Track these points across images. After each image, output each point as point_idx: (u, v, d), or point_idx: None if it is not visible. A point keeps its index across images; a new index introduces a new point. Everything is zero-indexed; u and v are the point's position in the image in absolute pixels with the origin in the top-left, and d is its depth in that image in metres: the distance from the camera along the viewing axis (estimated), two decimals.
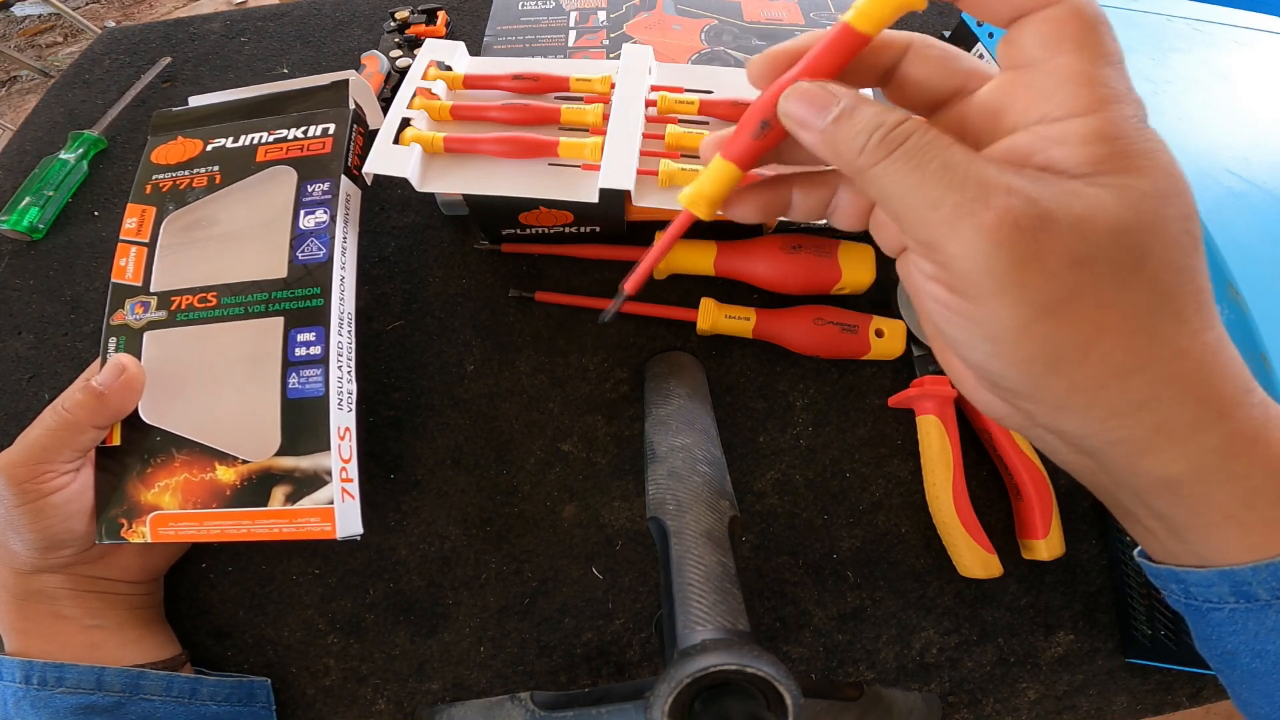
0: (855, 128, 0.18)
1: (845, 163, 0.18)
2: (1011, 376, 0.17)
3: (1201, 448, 0.17)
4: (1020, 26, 0.17)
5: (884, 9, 0.17)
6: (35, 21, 1.97)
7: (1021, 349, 0.17)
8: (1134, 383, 0.16)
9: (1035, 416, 0.19)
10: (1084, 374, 0.17)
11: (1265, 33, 0.46)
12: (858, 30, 0.18)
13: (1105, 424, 0.17)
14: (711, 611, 0.25)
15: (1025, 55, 0.17)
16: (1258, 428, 0.17)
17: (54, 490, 0.29)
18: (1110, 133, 0.16)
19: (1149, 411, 0.17)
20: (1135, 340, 0.16)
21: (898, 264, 0.23)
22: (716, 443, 0.34)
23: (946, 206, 0.16)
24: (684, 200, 0.22)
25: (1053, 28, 0.17)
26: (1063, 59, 0.17)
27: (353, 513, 0.31)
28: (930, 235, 0.17)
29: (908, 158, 0.17)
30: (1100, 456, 0.18)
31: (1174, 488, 0.18)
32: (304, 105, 0.36)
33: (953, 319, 0.18)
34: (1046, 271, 0.16)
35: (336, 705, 0.35)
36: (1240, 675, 0.20)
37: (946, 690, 0.35)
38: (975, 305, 0.17)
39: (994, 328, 0.17)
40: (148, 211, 0.34)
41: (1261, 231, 0.33)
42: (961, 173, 0.16)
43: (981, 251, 0.16)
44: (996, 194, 0.16)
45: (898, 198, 0.17)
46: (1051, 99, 0.17)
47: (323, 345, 0.31)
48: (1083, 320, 0.16)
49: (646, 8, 0.47)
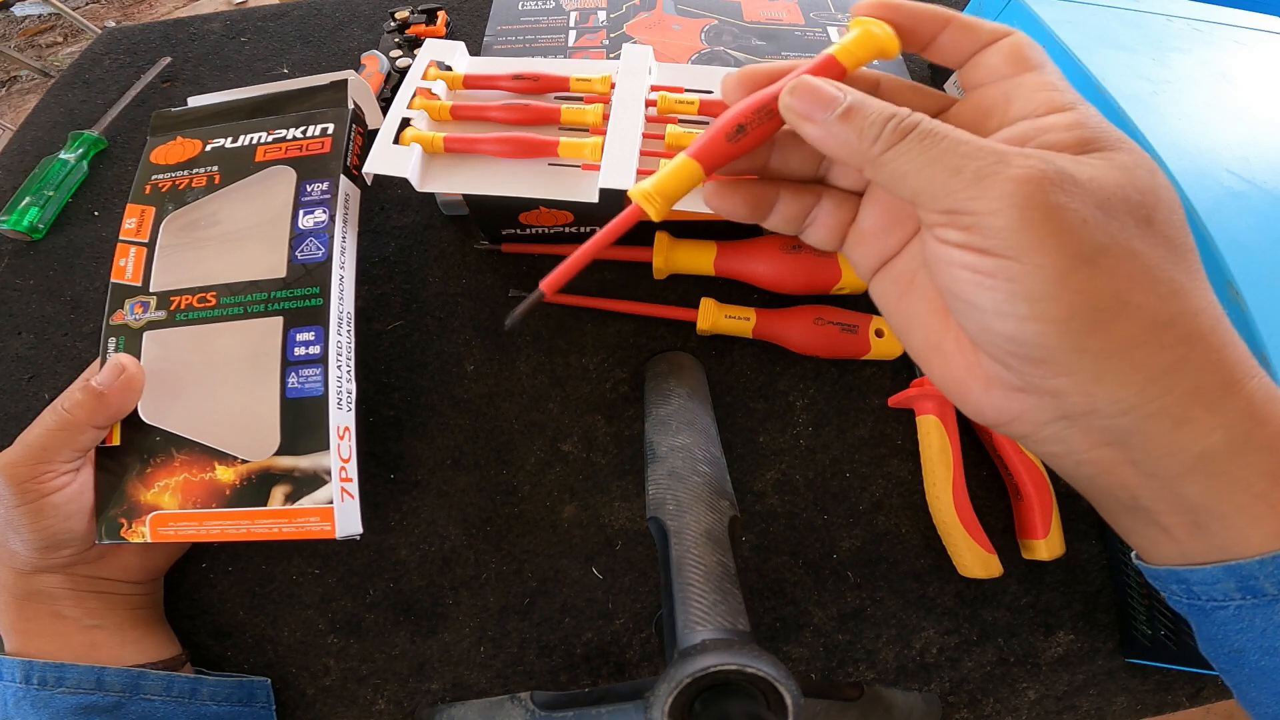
0: (868, 119, 0.19)
1: (854, 152, 0.19)
2: (1052, 340, 0.17)
3: (1234, 412, 0.17)
4: (978, 57, 0.20)
5: (864, 51, 0.20)
6: (35, 21, 1.98)
7: (1062, 303, 0.17)
8: (1166, 338, 0.17)
9: (1065, 397, 0.18)
10: (1121, 329, 0.17)
11: (1265, 33, 0.46)
12: (839, 62, 0.20)
13: (1144, 391, 0.17)
14: (711, 611, 0.25)
15: (993, 73, 0.20)
16: (1269, 398, 0.17)
17: (54, 490, 0.29)
18: (1088, 123, 0.18)
19: (1183, 374, 0.17)
20: (1164, 290, 0.17)
21: (873, 286, 0.23)
22: (716, 443, 0.34)
23: (969, 171, 0.17)
24: (636, 195, 0.20)
25: (1010, 53, 0.20)
26: (1027, 75, 0.19)
27: (352, 512, 0.31)
28: (955, 201, 0.17)
29: (921, 138, 0.18)
30: (1133, 438, 0.18)
31: (1208, 465, 0.17)
32: (303, 105, 0.36)
33: (986, 283, 0.17)
34: (1080, 218, 0.16)
35: (336, 705, 0.35)
36: (1249, 674, 0.20)
37: (946, 690, 0.35)
38: (1012, 260, 0.17)
39: (1032, 282, 0.17)
40: (147, 212, 0.34)
41: (1261, 231, 0.33)
42: (976, 145, 0.17)
43: (1015, 205, 0.16)
44: (1016, 157, 0.17)
45: (915, 174, 0.18)
46: (1030, 101, 0.19)
47: (322, 345, 0.31)
48: (1118, 269, 0.16)
49: (646, 8, 0.47)
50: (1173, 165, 0.34)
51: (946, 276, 0.19)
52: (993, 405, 0.20)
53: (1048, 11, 0.43)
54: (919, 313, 0.21)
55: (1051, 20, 0.42)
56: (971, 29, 0.20)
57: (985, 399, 0.20)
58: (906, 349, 0.22)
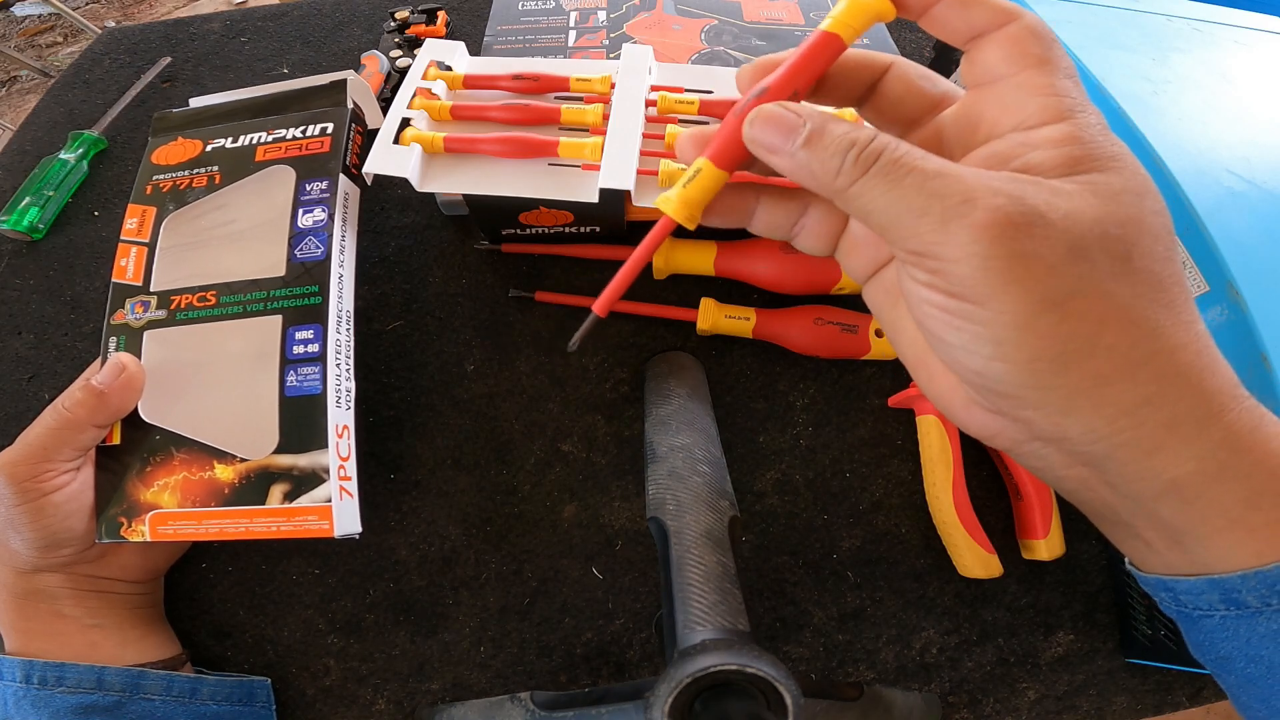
0: (828, 150, 0.18)
1: (822, 185, 0.18)
2: (1016, 379, 0.17)
3: (1209, 443, 0.17)
4: (980, 46, 0.19)
5: (859, 18, 0.19)
6: (35, 21, 1.98)
7: (1027, 347, 0.16)
8: (1140, 376, 0.16)
9: (1036, 425, 0.18)
10: (1090, 369, 0.16)
11: (1265, 33, 0.46)
12: (837, 36, 0.19)
13: (1115, 423, 0.17)
14: (711, 611, 0.25)
15: (990, 72, 0.19)
16: (1253, 424, 0.17)
17: (54, 489, 0.29)
18: (1081, 137, 0.17)
19: (1156, 407, 0.16)
20: (1137, 332, 0.16)
21: (865, 291, 0.23)
22: (716, 443, 0.34)
23: (934, 213, 0.16)
24: (669, 207, 0.20)
25: (1012, 44, 0.18)
26: (1026, 74, 0.18)
27: (351, 511, 0.31)
28: (922, 243, 0.17)
29: (885, 172, 0.17)
30: (1106, 464, 0.18)
31: (1181, 490, 0.17)
32: (303, 105, 0.36)
33: (954, 323, 0.17)
34: (1046, 264, 0.16)
35: (336, 705, 0.35)
36: (1237, 680, 0.20)
37: (946, 690, 0.35)
38: (977, 306, 0.16)
39: (998, 327, 0.16)
40: (148, 212, 0.34)
41: (1261, 231, 0.33)
42: (942, 180, 0.17)
43: (977, 252, 0.16)
44: (982, 195, 0.16)
45: (880, 212, 0.17)
46: (1023, 109, 0.18)
47: (320, 343, 0.31)
48: (1087, 313, 0.16)
49: (646, 8, 0.47)
50: (1173, 165, 0.34)
51: (917, 311, 0.19)
52: (974, 422, 0.20)
53: (1048, 11, 0.43)
54: (906, 326, 0.21)
55: (1051, 20, 0.42)
56: (970, 2, 0.18)
57: (966, 415, 0.20)
58: (898, 354, 0.22)
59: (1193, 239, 0.33)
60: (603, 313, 0.22)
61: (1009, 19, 0.18)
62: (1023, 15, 0.18)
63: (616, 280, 0.21)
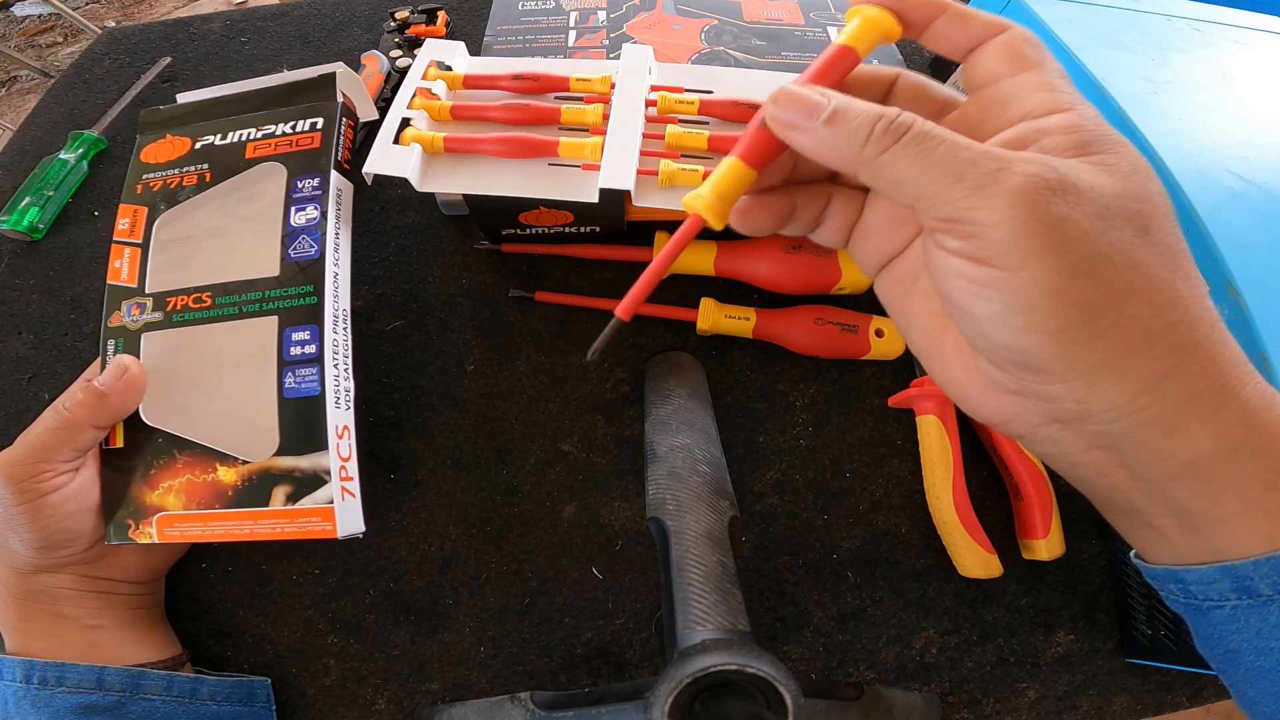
0: (854, 121, 0.18)
1: (847, 157, 0.19)
2: (1046, 351, 0.17)
3: (1228, 419, 0.17)
4: (976, 54, 0.20)
5: (871, 36, 0.20)
6: (35, 21, 1.97)
7: (1058, 315, 0.17)
8: (1159, 347, 0.17)
9: (1059, 402, 0.18)
10: (1116, 338, 0.17)
11: (1265, 33, 0.46)
12: (852, 49, 0.20)
13: (1136, 400, 0.17)
14: (711, 611, 0.25)
15: (990, 73, 0.20)
16: (1267, 402, 0.17)
17: (53, 489, 0.29)
18: (1085, 125, 0.18)
19: (1175, 381, 0.17)
20: (1161, 298, 0.17)
21: (877, 283, 0.23)
22: (716, 443, 0.34)
23: (969, 178, 0.17)
24: (697, 205, 0.20)
25: (1008, 49, 0.19)
26: (1025, 74, 0.19)
27: (353, 511, 0.31)
28: (955, 209, 0.17)
29: (917, 142, 0.18)
30: (1123, 444, 0.18)
31: (1199, 471, 0.17)
32: (292, 99, 0.36)
33: (983, 293, 0.17)
34: (1080, 230, 0.16)
35: (336, 705, 0.35)
36: (1244, 674, 0.20)
37: (946, 690, 0.35)
38: (1009, 273, 0.17)
39: (1030, 294, 0.17)
40: (140, 211, 0.34)
41: (1261, 231, 0.33)
42: (974, 150, 0.17)
43: (1015, 216, 0.16)
44: (1017, 163, 0.17)
45: (913, 179, 0.18)
46: (1027, 103, 0.19)
47: (318, 344, 0.31)
48: (1115, 280, 0.16)
49: (646, 8, 0.47)
50: (1173, 165, 0.34)
51: (945, 284, 0.19)
52: (989, 406, 0.20)
53: (1048, 11, 0.43)
54: (920, 314, 0.21)
55: (1051, 20, 0.42)
56: (965, 18, 0.20)
57: (982, 400, 0.20)
58: (908, 345, 0.23)
59: (1193, 239, 0.33)
60: (626, 317, 0.21)
61: (1001, 29, 0.20)
62: (1014, 25, 0.20)
63: (641, 283, 0.21)
